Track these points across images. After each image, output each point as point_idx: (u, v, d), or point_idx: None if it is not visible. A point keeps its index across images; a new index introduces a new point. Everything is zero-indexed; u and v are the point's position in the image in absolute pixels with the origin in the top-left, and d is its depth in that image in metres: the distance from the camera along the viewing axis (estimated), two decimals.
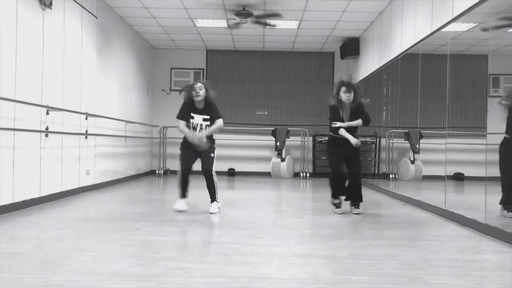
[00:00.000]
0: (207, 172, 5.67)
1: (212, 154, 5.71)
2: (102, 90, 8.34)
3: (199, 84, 5.76)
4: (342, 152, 5.74)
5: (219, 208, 5.70)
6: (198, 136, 5.56)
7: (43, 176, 6.09)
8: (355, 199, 5.79)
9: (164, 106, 12.01)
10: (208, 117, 5.72)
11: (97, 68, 8.05)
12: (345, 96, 5.65)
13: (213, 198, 5.73)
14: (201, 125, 5.71)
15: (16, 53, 5.46)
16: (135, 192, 8.17)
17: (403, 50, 7.52)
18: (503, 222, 4.56)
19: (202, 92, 5.68)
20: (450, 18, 5.70)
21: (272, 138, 11.58)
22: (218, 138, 12.15)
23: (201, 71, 12.31)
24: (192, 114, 5.74)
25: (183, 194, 5.74)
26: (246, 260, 3.40)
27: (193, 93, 5.70)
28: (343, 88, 5.68)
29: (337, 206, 5.79)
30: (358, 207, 5.76)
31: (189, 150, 5.72)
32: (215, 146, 5.81)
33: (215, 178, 5.71)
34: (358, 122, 5.70)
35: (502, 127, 5.03)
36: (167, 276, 2.99)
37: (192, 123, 5.73)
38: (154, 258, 3.52)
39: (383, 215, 6.11)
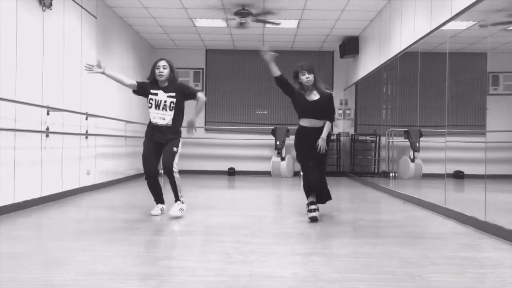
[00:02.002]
0: (167, 169, 5.06)
1: (175, 148, 5.11)
2: (102, 90, 8.34)
3: (163, 62, 5.15)
4: (309, 146, 5.15)
5: (181, 210, 5.11)
6: (191, 124, 5.20)
7: (44, 176, 6.10)
8: (324, 200, 5.34)
9: None
10: (173, 94, 5.13)
11: None
12: (305, 79, 5.15)
13: (176, 198, 5.16)
14: (164, 101, 5.11)
15: (17, 54, 5.47)
16: (136, 192, 8.17)
17: (402, 48, 7.53)
18: (503, 220, 4.57)
19: (166, 72, 5.12)
20: (449, 17, 5.71)
21: (272, 137, 11.59)
22: (218, 138, 12.32)
23: (201, 70, 12.32)
24: (154, 91, 5.15)
25: (158, 201, 5.37)
26: (247, 259, 3.41)
27: (156, 71, 5.12)
28: (301, 71, 5.18)
29: (312, 210, 5.07)
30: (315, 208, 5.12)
31: (151, 144, 5.22)
32: (181, 139, 5.24)
33: (176, 174, 5.08)
34: (328, 127, 5.18)
35: (501, 125, 5.04)
36: (168, 275, 3.00)
37: (155, 100, 5.12)
38: (155, 257, 3.53)
39: (383, 213, 6.12)
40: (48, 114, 6.16)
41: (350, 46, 10.74)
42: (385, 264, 3.34)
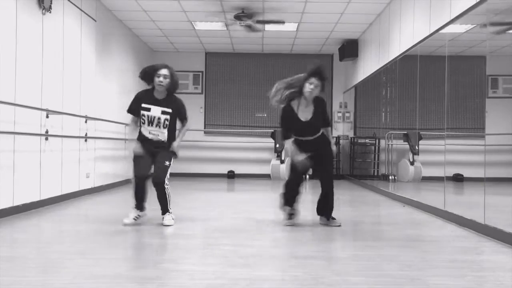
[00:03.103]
0: (157, 184, 4.72)
1: (167, 162, 4.75)
2: (102, 93, 8.35)
3: (165, 71, 4.71)
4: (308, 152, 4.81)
5: (173, 219, 4.87)
6: (175, 146, 4.76)
7: (43, 179, 6.10)
8: (330, 212, 4.97)
9: None
10: (169, 110, 4.75)
11: (96, 71, 8.07)
12: (309, 89, 4.64)
13: (165, 210, 4.85)
14: (158, 118, 4.72)
15: (16, 57, 5.48)
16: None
17: (401, 51, 7.54)
18: (502, 223, 4.57)
19: (166, 82, 4.70)
20: (448, 20, 5.72)
21: (271, 140, 11.59)
22: (218, 140, 12.32)
23: (200, 73, 12.33)
24: (146, 105, 4.73)
25: (139, 206, 4.83)
26: (247, 262, 3.41)
27: (156, 80, 4.68)
28: (310, 79, 4.65)
29: (290, 217, 5.01)
30: (334, 218, 4.96)
31: (144, 153, 4.76)
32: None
33: (167, 190, 4.79)
34: (330, 134, 4.95)
35: (501, 128, 5.04)
36: (167, 279, 3.00)
37: (148, 116, 4.72)
38: (154, 260, 3.53)
39: (383, 216, 6.12)
40: (47, 117, 6.16)
41: (350, 49, 10.76)
42: (385, 267, 3.34)
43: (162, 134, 4.80)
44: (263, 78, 12.35)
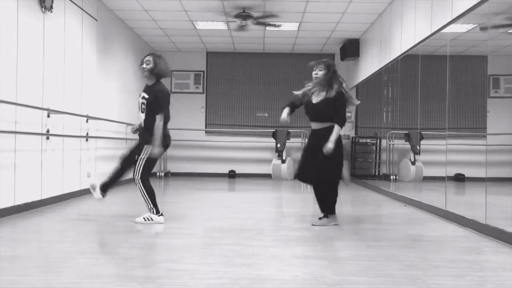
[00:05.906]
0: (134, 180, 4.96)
1: (137, 156, 4.98)
2: (103, 93, 8.35)
3: (148, 57, 4.78)
4: (312, 150, 4.79)
5: (145, 219, 4.90)
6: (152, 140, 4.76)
7: (44, 178, 6.10)
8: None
9: None
10: (146, 96, 4.77)
11: (97, 70, 8.07)
12: (313, 75, 4.78)
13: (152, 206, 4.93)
14: (141, 103, 4.82)
15: (17, 56, 5.48)
16: (136, 194, 8.16)
17: (403, 51, 7.53)
18: (503, 223, 4.57)
19: (148, 68, 4.73)
20: (450, 19, 5.71)
21: (272, 139, 11.59)
22: (219, 140, 12.33)
23: (202, 73, 12.33)
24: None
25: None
26: (247, 262, 3.41)
27: (141, 67, 4.78)
28: (314, 67, 4.80)
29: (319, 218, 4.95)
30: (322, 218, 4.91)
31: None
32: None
33: (141, 187, 5.02)
34: (335, 131, 4.64)
35: (502, 128, 5.04)
36: (168, 278, 3.00)
37: (138, 102, 4.91)
38: (155, 260, 3.53)
39: (384, 216, 6.11)
40: (48, 116, 6.16)
41: (351, 49, 10.75)
42: (385, 267, 3.34)
43: (141, 119, 4.92)
44: (264, 78, 12.35)
